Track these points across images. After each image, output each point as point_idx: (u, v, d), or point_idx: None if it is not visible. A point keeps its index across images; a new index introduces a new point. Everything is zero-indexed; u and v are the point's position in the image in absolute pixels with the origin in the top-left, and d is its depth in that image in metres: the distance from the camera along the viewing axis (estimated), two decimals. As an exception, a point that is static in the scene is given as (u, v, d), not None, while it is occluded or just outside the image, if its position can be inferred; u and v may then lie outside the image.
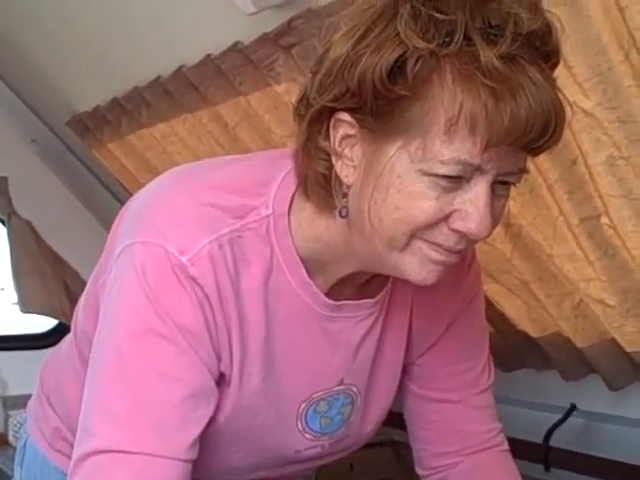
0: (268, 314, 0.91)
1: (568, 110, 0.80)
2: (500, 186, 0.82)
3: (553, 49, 0.79)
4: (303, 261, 0.91)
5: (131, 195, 2.14)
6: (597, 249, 1.36)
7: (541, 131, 0.76)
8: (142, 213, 0.89)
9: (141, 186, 0.94)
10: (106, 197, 2.53)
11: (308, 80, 0.84)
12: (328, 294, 0.94)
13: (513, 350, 1.77)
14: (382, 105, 0.78)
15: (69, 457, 0.92)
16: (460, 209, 0.80)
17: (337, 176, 0.85)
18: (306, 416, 0.99)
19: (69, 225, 2.56)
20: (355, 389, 1.01)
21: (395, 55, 0.76)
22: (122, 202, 2.43)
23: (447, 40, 0.75)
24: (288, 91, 1.50)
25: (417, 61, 0.75)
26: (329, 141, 0.83)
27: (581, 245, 1.37)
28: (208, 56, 1.58)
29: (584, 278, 1.42)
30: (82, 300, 1.02)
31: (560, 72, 1.06)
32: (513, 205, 1.36)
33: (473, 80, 0.75)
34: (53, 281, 2.55)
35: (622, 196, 1.23)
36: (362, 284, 0.96)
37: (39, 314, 2.59)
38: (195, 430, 0.86)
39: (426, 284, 0.86)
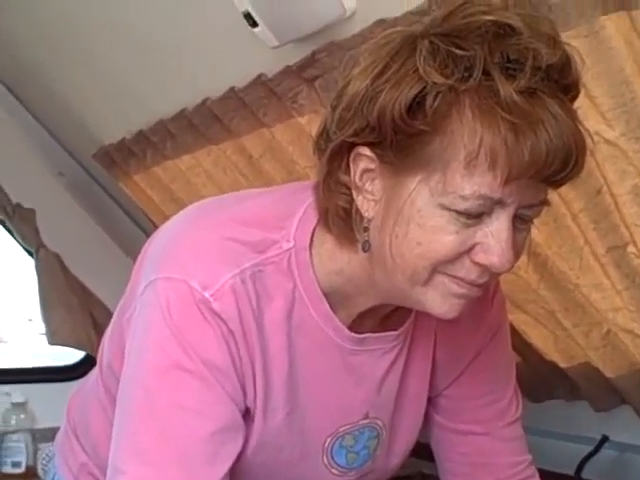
0: (291, 348, 0.91)
1: (589, 141, 0.80)
2: (520, 220, 0.82)
3: (573, 82, 0.79)
4: (325, 295, 0.91)
5: (156, 226, 2.16)
6: (624, 278, 1.34)
7: (562, 164, 0.76)
8: (165, 249, 0.90)
9: (166, 217, 0.95)
10: (132, 229, 2.55)
11: (328, 114, 0.85)
12: (350, 327, 0.93)
13: (542, 381, 1.75)
14: (402, 140, 0.79)
15: None
16: (482, 242, 0.80)
17: (358, 210, 0.85)
18: (332, 451, 0.99)
19: (96, 257, 2.58)
20: (380, 423, 1.01)
21: (414, 91, 0.76)
22: (148, 233, 2.45)
23: (466, 75, 0.75)
24: (311, 123, 1.51)
25: (436, 96, 0.76)
26: (349, 175, 0.84)
27: (608, 274, 1.35)
28: (232, 89, 1.59)
29: (612, 308, 1.40)
30: (107, 335, 1.03)
31: (583, 102, 1.07)
32: (538, 235, 1.35)
33: (493, 114, 0.75)
34: (80, 313, 2.56)
35: (649, 225, 1.22)
36: (384, 316, 0.96)
37: (66, 346, 2.60)
38: (224, 465, 0.87)
39: (448, 318, 0.86)
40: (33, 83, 2.13)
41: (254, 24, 1.37)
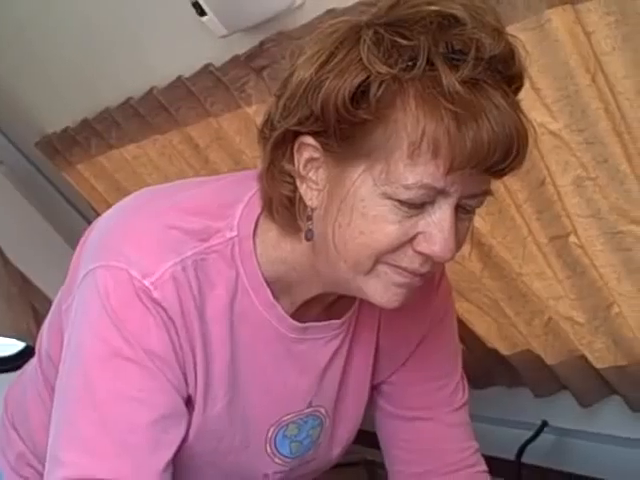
0: (233, 337, 0.90)
1: (532, 132, 0.81)
2: (463, 210, 0.83)
3: (516, 73, 0.80)
4: (268, 283, 0.91)
5: (100, 216, 2.11)
6: (566, 268, 1.38)
7: (504, 154, 0.77)
8: (105, 237, 0.89)
9: (110, 207, 0.94)
10: (75, 219, 2.51)
11: (272, 103, 0.85)
12: (294, 316, 0.94)
13: (484, 368, 1.78)
14: (345, 129, 0.79)
15: None
16: (424, 232, 0.80)
17: (301, 199, 0.85)
18: (275, 440, 0.99)
19: (37, 247, 2.52)
20: (323, 410, 1.01)
21: (358, 80, 0.77)
22: (91, 223, 2.40)
23: (410, 65, 0.76)
24: (259, 113, 1.50)
25: (380, 86, 0.76)
26: (293, 164, 0.84)
27: (550, 264, 1.39)
28: (179, 78, 1.58)
29: (553, 296, 1.44)
30: (46, 324, 1.02)
31: (528, 94, 1.10)
32: (483, 225, 1.37)
33: (436, 104, 0.76)
34: (20, 303, 2.51)
35: (590, 216, 1.25)
36: (328, 305, 0.96)
37: (6, 337, 2.55)
38: (167, 453, 0.86)
39: (390, 307, 0.86)
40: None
41: (202, 13, 1.36)
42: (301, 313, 0.94)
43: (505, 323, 1.60)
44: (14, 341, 2.58)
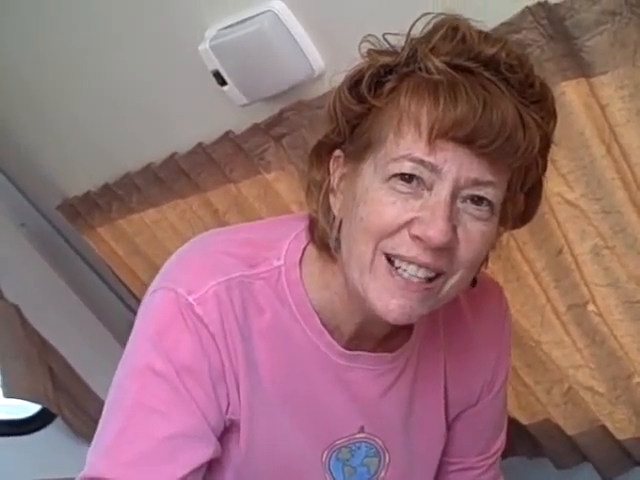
0: (281, 361, 0.92)
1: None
2: (473, 205, 0.82)
3: (527, 80, 0.83)
4: (317, 312, 0.93)
5: (120, 280, 2.13)
6: (585, 336, 1.37)
7: (485, 129, 0.78)
8: (163, 269, 0.94)
9: (130, 270, 0.98)
10: (95, 282, 2.53)
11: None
12: (346, 348, 0.95)
13: (503, 437, 1.75)
14: (352, 127, 0.85)
15: None
16: (420, 215, 0.81)
17: (331, 211, 0.89)
18: (329, 464, 0.99)
19: (56, 309, 2.54)
20: (380, 442, 1.01)
21: (354, 72, 0.85)
22: (111, 287, 2.40)
23: (397, 54, 0.83)
24: (278, 179, 1.53)
25: (372, 75, 0.83)
26: (328, 180, 0.90)
27: (569, 332, 1.38)
28: (199, 144, 1.61)
29: (573, 365, 1.42)
30: None
31: (545, 165, 1.10)
32: (501, 293, 1.37)
33: (420, 85, 0.81)
34: (38, 366, 2.51)
35: (608, 285, 1.25)
36: (381, 341, 0.97)
37: (23, 399, 2.54)
38: (179, 470, 0.86)
39: (392, 319, 0.84)
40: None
41: (223, 82, 1.39)
42: (353, 346, 0.96)
43: (524, 392, 1.59)
44: (30, 404, 2.58)
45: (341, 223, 0.88)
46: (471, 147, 0.79)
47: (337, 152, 0.89)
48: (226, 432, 0.92)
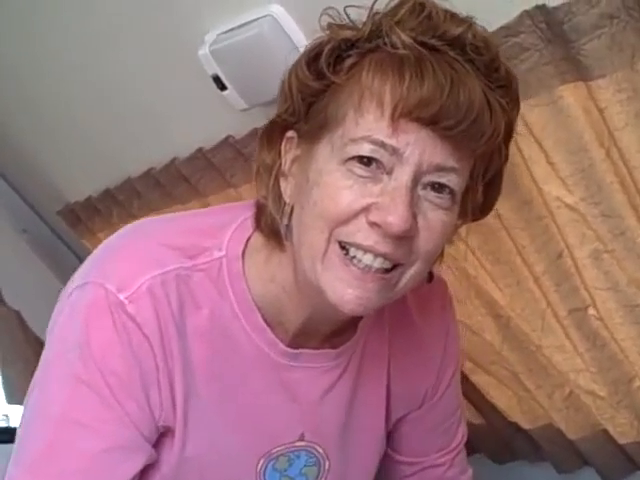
0: (218, 360, 0.86)
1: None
2: (434, 193, 0.78)
3: (492, 63, 0.79)
4: (259, 309, 0.87)
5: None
6: (585, 340, 1.36)
7: (451, 110, 0.74)
8: (92, 257, 0.87)
9: None
10: (96, 286, 2.53)
11: None
12: (290, 345, 0.90)
13: (505, 442, 1.75)
14: (308, 105, 0.81)
15: None
16: (378, 201, 0.76)
17: (282, 197, 0.84)
18: (265, 474, 0.93)
19: (58, 314, 2.54)
20: (320, 450, 0.96)
21: (312, 46, 0.80)
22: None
23: (362, 30, 0.79)
24: (278, 184, 1.53)
25: (331, 49, 0.79)
26: (280, 163, 0.85)
27: (569, 336, 1.37)
28: (200, 149, 1.61)
29: (574, 369, 1.42)
30: None
31: (544, 168, 1.11)
32: (501, 297, 1.37)
33: (384, 61, 0.77)
34: (39, 371, 2.51)
35: (608, 288, 1.25)
36: (326, 338, 0.92)
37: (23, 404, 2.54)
38: None
39: (346, 310, 0.80)
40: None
41: (223, 87, 1.39)
42: (297, 343, 0.91)
43: (525, 396, 1.58)
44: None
45: (292, 209, 0.83)
46: (435, 129, 0.75)
47: (290, 133, 0.83)
48: (160, 437, 0.87)
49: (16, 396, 2.51)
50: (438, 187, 0.78)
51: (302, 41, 1.28)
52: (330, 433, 0.97)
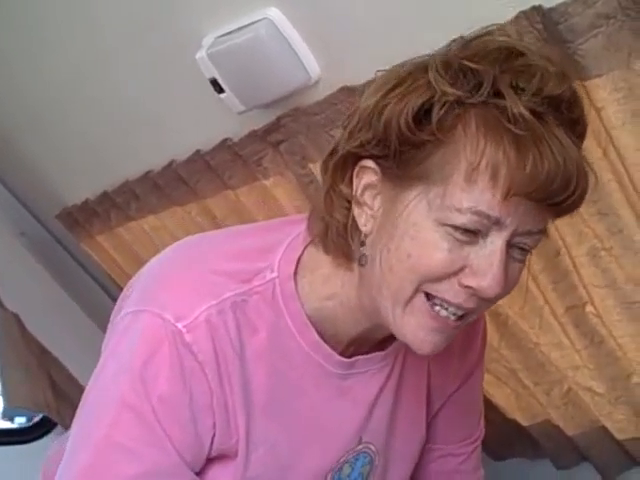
0: (278, 380, 0.89)
1: (593, 177, 0.81)
2: (518, 250, 0.81)
3: (579, 118, 0.80)
4: (312, 323, 0.90)
5: (120, 287, 2.14)
6: (583, 337, 1.38)
7: (563, 186, 0.76)
8: (145, 286, 0.88)
9: (129, 278, 0.94)
10: (94, 290, 2.53)
11: (339, 134, 0.87)
12: (344, 353, 0.93)
13: (504, 439, 1.76)
14: (405, 151, 0.79)
15: None
16: (473, 264, 0.78)
17: (355, 224, 0.85)
18: None
19: (56, 317, 2.54)
20: (373, 448, 0.99)
21: (422, 99, 0.77)
22: (110, 294, 2.41)
23: (475, 89, 0.77)
24: (276, 185, 1.54)
25: (443, 106, 0.77)
26: (351, 189, 0.84)
27: (567, 333, 1.39)
28: (197, 152, 1.61)
29: (572, 366, 1.43)
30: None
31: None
32: (499, 295, 1.38)
33: (497, 128, 0.76)
34: (38, 374, 2.51)
35: (606, 286, 1.26)
36: (380, 341, 0.95)
37: (24, 408, 2.54)
38: None
39: (422, 353, 0.84)
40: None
41: (220, 90, 1.40)
42: (351, 351, 0.94)
43: (524, 393, 1.59)
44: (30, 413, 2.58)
45: (366, 237, 0.84)
46: (542, 203, 0.77)
47: (369, 163, 0.82)
48: (217, 460, 0.89)
49: (15, 400, 2.51)
50: (524, 245, 0.81)
51: (299, 44, 1.29)
52: (380, 430, 1.00)
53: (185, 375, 0.82)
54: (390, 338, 0.95)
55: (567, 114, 0.78)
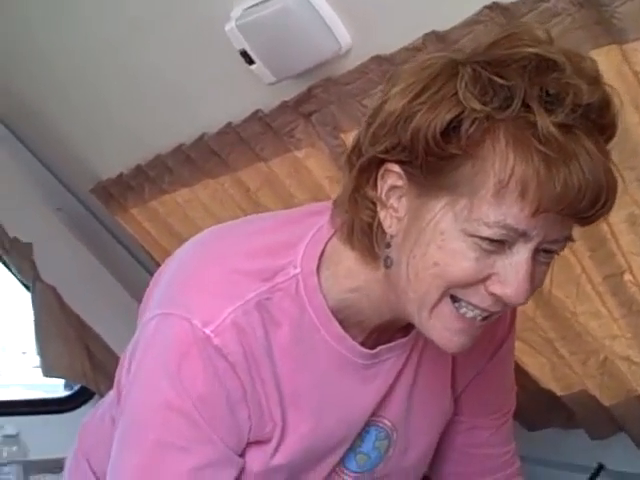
0: (305, 372, 0.91)
1: (620, 181, 0.81)
2: (543, 253, 0.82)
3: (610, 122, 0.81)
4: (335, 313, 0.91)
5: (154, 259, 2.15)
6: (621, 306, 1.36)
7: (592, 201, 0.76)
8: (170, 284, 0.91)
9: (164, 250, 0.96)
10: (129, 262, 2.56)
11: (362, 130, 0.86)
12: (365, 341, 0.94)
13: (538, 409, 1.75)
14: (433, 162, 0.79)
15: None
16: (499, 273, 0.80)
17: (380, 226, 0.86)
18: (343, 461, 1.00)
19: (93, 290, 2.58)
20: (388, 422, 1.01)
21: (451, 115, 0.77)
22: (145, 266, 2.44)
23: (504, 105, 0.76)
24: (308, 156, 1.53)
25: (473, 123, 0.77)
26: (376, 191, 0.85)
27: (605, 302, 1.37)
28: (229, 124, 1.61)
29: (609, 335, 1.41)
30: (120, 365, 1.04)
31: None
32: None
33: (527, 145, 0.76)
34: (76, 345, 2.55)
35: (644, 253, 1.24)
36: (403, 327, 0.96)
37: (62, 378, 2.59)
38: None
39: (450, 352, 0.87)
40: (31, 120, 2.15)
41: (251, 62, 1.39)
42: (374, 339, 0.95)
43: (559, 363, 1.58)
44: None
45: (392, 238, 0.85)
46: (570, 217, 0.78)
47: (395, 167, 0.82)
48: (249, 447, 0.92)
49: (53, 370, 2.55)
50: (549, 251, 0.82)
51: (329, 13, 1.28)
52: (398, 406, 1.01)
53: (219, 375, 0.85)
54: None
55: (598, 120, 0.78)
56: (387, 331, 0.96)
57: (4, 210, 2.40)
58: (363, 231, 0.87)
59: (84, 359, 2.56)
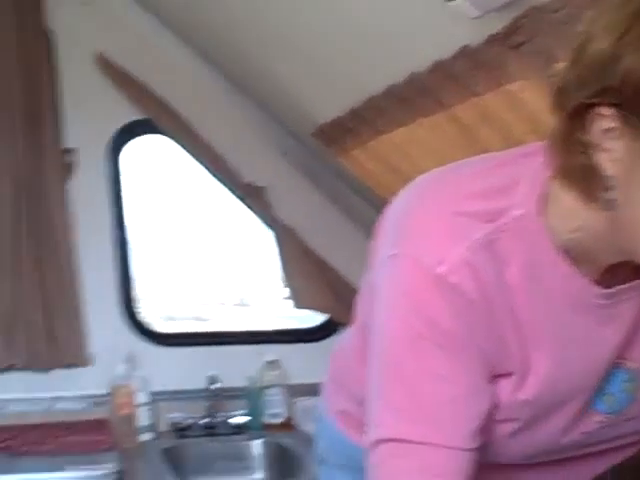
0: (539, 313, 0.91)
1: None
2: None
3: None
4: (564, 255, 0.90)
5: (380, 197, 2.17)
6: None
7: None
8: (399, 225, 0.95)
9: (387, 188, 0.97)
10: (356, 200, 2.60)
11: (567, 69, 0.83)
12: (601, 280, 0.92)
13: None
14: None
15: (354, 429, 1.10)
16: None
17: (597, 168, 0.82)
18: (592, 400, 0.99)
19: (325, 227, 2.67)
20: (630, 365, 0.98)
21: None
22: (373, 204, 2.46)
23: None
24: (522, 89, 1.44)
25: None
26: (589, 134, 0.81)
27: None
28: (438, 62, 1.55)
29: None
30: (360, 294, 1.10)
31: None
32: None
33: None
34: (319, 280, 2.68)
35: None
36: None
37: (311, 309, 2.74)
38: (469, 425, 0.91)
39: None
40: (259, 74, 2.23)
41: (451, -1, 1.32)
42: (610, 276, 0.92)
43: None
44: (312, 314, 2.77)
45: (613, 179, 0.82)
46: None
47: (606, 111, 0.79)
48: (495, 380, 0.95)
49: (302, 302, 2.70)
50: None
51: None
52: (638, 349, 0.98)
53: (460, 312, 0.88)
54: None
55: None
56: (623, 271, 0.92)
57: (238, 158, 2.53)
58: (579, 174, 0.85)
59: (328, 292, 2.68)
